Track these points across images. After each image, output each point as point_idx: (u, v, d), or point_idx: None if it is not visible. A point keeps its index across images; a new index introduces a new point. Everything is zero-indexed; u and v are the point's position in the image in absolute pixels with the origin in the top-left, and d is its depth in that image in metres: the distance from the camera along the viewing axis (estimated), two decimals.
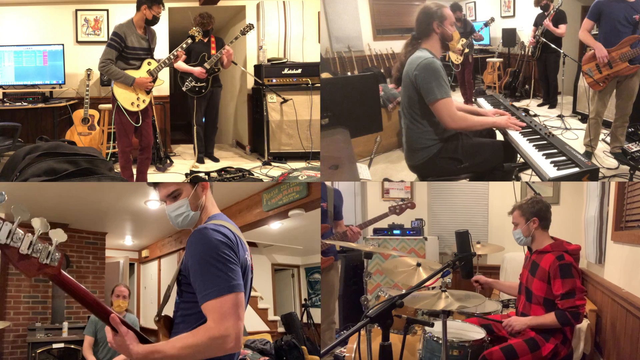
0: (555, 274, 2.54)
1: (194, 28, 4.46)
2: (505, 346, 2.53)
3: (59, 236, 1.37)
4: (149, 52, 4.22)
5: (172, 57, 4.23)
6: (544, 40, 5.72)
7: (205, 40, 5.49)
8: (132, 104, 4.14)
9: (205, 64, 5.36)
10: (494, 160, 3.05)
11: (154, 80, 4.20)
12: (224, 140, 7.31)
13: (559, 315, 2.50)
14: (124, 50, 4.06)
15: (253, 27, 5.26)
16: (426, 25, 2.87)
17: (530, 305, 2.67)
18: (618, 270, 3.14)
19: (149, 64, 4.18)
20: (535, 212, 2.72)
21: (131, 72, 4.10)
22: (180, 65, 5.27)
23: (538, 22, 5.91)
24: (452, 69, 5.70)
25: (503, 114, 3.27)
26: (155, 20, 4.14)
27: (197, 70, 5.36)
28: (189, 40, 4.39)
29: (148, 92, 4.20)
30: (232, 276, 1.48)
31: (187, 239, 1.58)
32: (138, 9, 4.10)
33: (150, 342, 1.66)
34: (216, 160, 5.90)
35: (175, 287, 1.68)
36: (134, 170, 4.45)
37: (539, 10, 5.90)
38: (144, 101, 4.19)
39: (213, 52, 5.47)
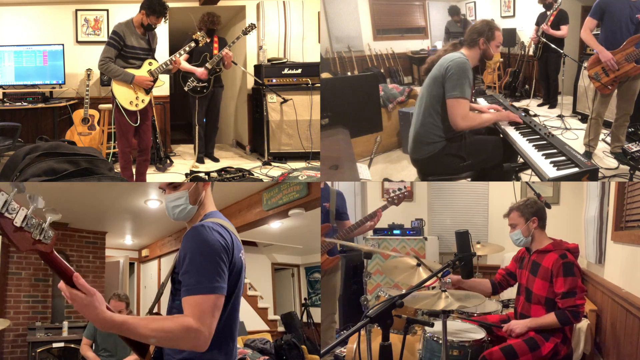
0: (558, 272, 2.54)
1: (198, 33, 4.46)
2: (505, 346, 2.53)
3: (53, 214, 1.35)
4: (150, 52, 4.20)
5: (173, 58, 4.23)
6: (545, 40, 5.71)
7: (209, 40, 5.49)
8: (131, 102, 4.12)
9: (207, 64, 5.36)
10: (494, 157, 3.13)
11: (154, 81, 4.20)
12: (224, 140, 7.31)
13: (559, 314, 2.51)
14: (123, 49, 4.05)
15: (255, 27, 5.25)
16: (473, 38, 3.04)
17: (530, 306, 2.66)
18: (618, 270, 3.15)
19: (150, 64, 4.17)
20: (535, 212, 2.73)
21: (131, 71, 4.09)
22: (184, 64, 5.26)
23: (540, 22, 5.90)
24: None
25: (497, 109, 3.40)
26: (150, 27, 4.13)
27: (199, 71, 5.35)
28: (192, 44, 4.37)
29: (147, 91, 4.19)
30: (219, 278, 1.48)
31: (184, 234, 1.57)
32: (140, 10, 4.10)
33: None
34: (216, 160, 5.90)
35: (169, 286, 1.67)
36: (134, 170, 4.45)
37: (540, 10, 5.90)
38: (143, 101, 4.17)
39: (215, 52, 5.47)
